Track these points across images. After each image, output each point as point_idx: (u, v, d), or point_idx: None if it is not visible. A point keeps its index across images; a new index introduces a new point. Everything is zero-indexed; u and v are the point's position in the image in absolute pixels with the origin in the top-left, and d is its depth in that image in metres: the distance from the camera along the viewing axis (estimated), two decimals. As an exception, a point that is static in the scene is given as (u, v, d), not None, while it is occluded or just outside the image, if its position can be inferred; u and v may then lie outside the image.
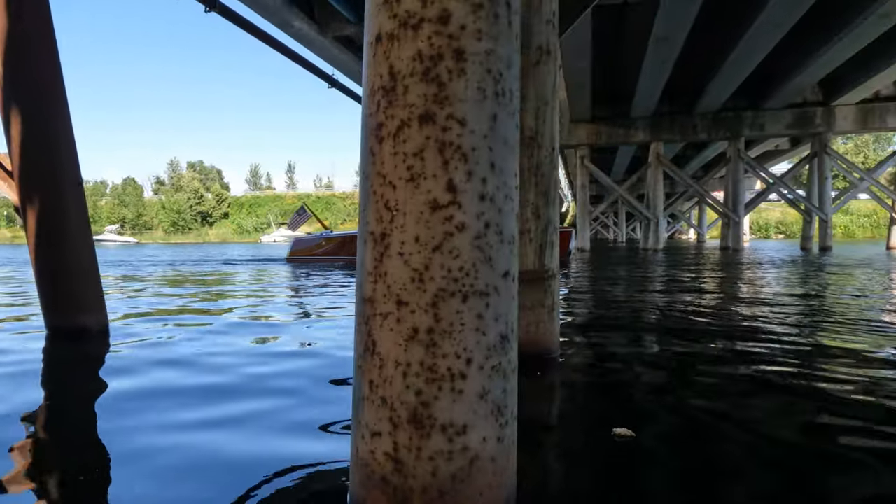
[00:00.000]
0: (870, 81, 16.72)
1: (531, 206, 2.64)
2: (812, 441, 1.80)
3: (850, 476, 1.55)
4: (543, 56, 2.54)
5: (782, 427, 1.92)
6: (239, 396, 2.19)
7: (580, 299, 5.72)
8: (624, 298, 5.82)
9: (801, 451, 1.72)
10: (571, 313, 4.65)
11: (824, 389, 2.34)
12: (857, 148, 72.91)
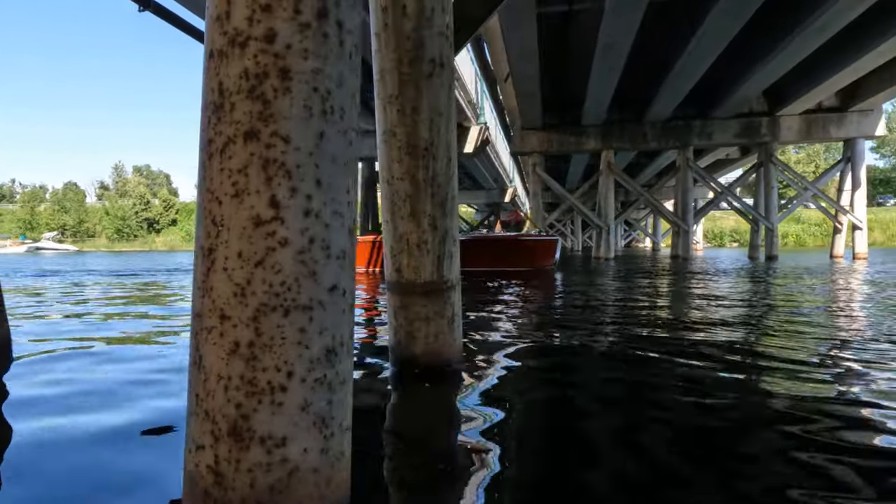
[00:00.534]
0: (812, 93, 17.45)
1: (428, 218, 2.71)
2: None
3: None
4: (437, 68, 2.62)
5: (676, 444, 2.02)
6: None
7: (504, 310, 5.83)
8: (551, 307, 5.96)
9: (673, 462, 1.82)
10: (489, 324, 4.74)
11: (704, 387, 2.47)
12: (809, 158, 75.79)
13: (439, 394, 2.60)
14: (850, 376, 2.84)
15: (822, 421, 2.17)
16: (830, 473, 1.69)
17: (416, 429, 2.14)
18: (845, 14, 11.86)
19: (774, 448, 1.91)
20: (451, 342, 2.85)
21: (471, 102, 19.60)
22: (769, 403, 2.43)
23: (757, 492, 1.59)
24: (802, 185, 22.21)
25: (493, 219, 42.48)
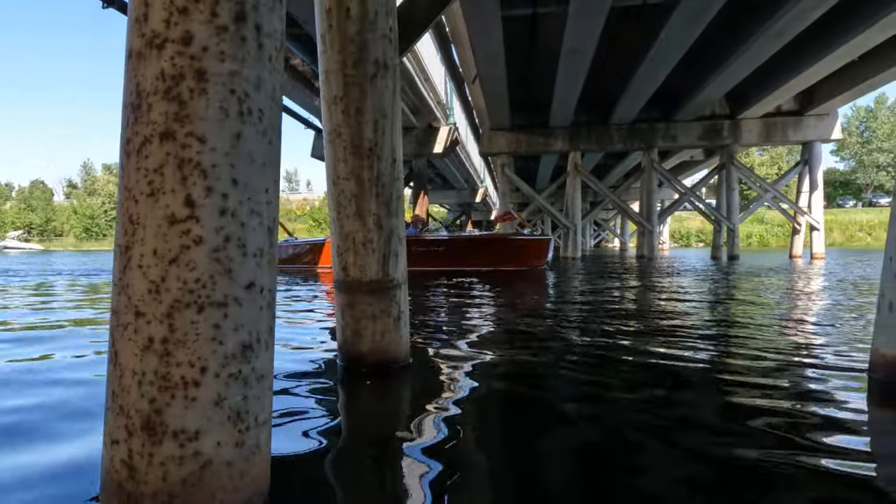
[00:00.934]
0: (771, 96, 17.83)
1: (373, 217, 2.74)
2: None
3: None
4: (381, 70, 2.65)
5: (608, 438, 2.07)
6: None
7: (460, 309, 5.87)
8: (509, 305, 6.02)
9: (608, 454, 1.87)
10: (441, 323, 4.78)
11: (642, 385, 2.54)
12: (772, 160, 77.36)
13: (383, 392, 2.63)
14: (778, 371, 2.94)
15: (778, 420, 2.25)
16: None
17: (355, 426, 2.16)
18: (801, 20, 12.14)
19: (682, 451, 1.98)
20: (397, 340, 2.87)
21: (440, 103, 19.65)
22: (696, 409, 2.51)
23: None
24: (762, 186, 22.66)
25: (465, 218, 42.65)
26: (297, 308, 5.97)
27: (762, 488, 1.59)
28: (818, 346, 3.64)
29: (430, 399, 2.44)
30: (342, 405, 2.39)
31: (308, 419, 2.16)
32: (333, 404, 2.38)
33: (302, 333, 4.20)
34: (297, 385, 2.67)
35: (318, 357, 3.28)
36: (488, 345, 3.70)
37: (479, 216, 51.81)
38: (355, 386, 2.68)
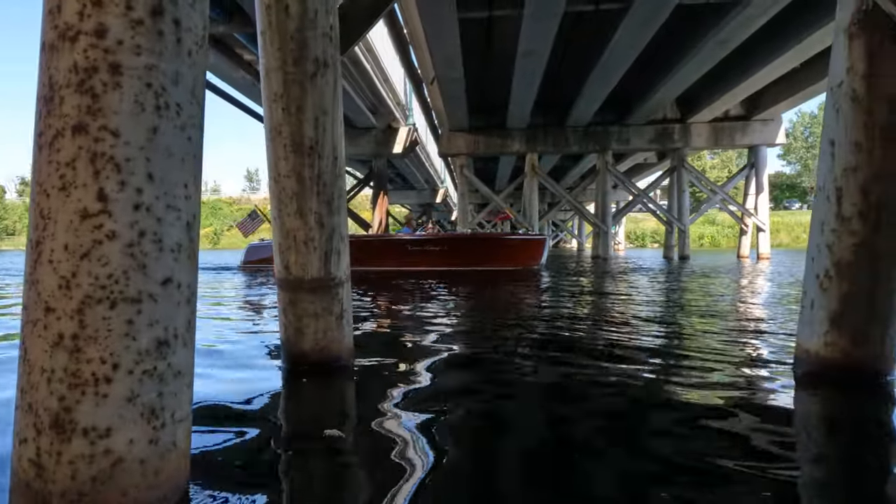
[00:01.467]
0: (719, 101, 18.25)
1: (314, 215, 2.71)
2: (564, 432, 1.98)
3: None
4: (321, 68, 2.63)
5: (537, 430, 2.09)
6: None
7: (413, 307, 5.87)
8: (461, 304, 6.04)
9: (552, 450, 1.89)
10: (390, 321, 4.77)
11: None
12: (722, 163, 79.18)
13: (322, 390, 2.61)
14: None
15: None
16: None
17: (290, 424, 2.14)
18: (745, 28, 12.45)
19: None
20: (340, 339, 2.86)
21: (399, 104, 19.61)
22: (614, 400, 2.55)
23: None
24: (712, 189, 23.20)
25: (425, 219, 42.60)
26: (247, 305, 5.89)
27: (695, 479, 1.63)
28: (752, 341, 3.75)
29: (369, 398, 2.43)
30: (280, 403, 2.37)
31: (243, 417, 2.14)
32: (271, 402, 2.35)
33: (249, 331, 4.14)
34: (238, 383, 2.63)
35: (262, 355, 3.24)
36: (436, 343, 3.70)
37: (439, 216, 51.86)
38: (296, 384, 2.66)
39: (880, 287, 2.52)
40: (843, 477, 1.70)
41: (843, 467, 1.77)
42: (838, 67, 2.67)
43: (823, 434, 2.11)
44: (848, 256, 2.56)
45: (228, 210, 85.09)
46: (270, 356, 3.25)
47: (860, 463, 1.78)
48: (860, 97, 2.55)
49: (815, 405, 2.47)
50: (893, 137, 2.50)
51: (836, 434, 2.11)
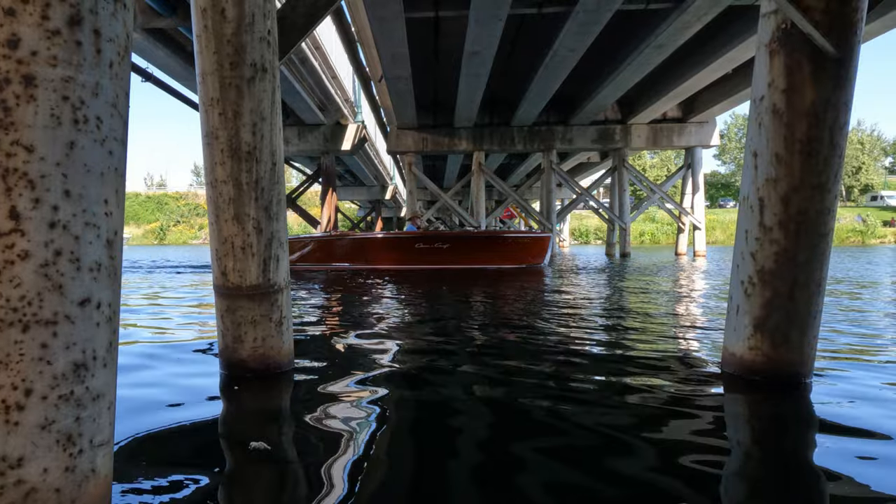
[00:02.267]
0: (657, 104, 18.70)
1: (252, 221, 2.65)
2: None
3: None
4: (259, 73, 2.57)
5: (472, 439, 2.09)
6: None
7: (357, 310, 5.82)
8: (408, 304, 6.02)
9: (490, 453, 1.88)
10: (332, 326, 4.72)
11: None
12: (661, 163, 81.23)
13: (262, 399, 2.56)
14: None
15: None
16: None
17: (228, 435, 2.08)
18: (681, 34, 12.76)
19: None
20: (279, 346, 2.80)
21: (348, 101, 19.40)
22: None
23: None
24: (651, 188, 23.77)
25: (375, 215, 42.37)
26: (186, 311, 5.74)
27: (620, 481, 1.66)
28: (683, 343, 3.85)
29: (308, 406, 2.39)
30: (215, 414, 2.31)
31: (176, 431, 2.07)
32: (206, 413, 2.29)
33: (186, 340, 4.03)
34: (174, 394, 2.55)
35: (200, 364, 3.16)
36: (379, 347, 3.68)
37: (388, 213, 51.61)
38: (233, 393, 2.59)
39: (799, 293, 2.62)
40: (760, 477, 1.75)
41: (761, 467, 1.83)
42: (760, 82, 2.76)
43: (744, 435, 2.18)
44: (770, 264, 2.66)
45: (175, 205, 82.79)
46: (206, 364, 3.16)
47: (776, 463, 1.85)
48: (781, 112, 2.65)
49: (738, 407, 2.54)
50: (811, 151, 2.59)
51: (755, 435, 2.19)
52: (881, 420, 2.20)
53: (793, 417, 2.35)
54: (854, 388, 2.64)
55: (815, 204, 2.61)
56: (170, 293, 7.60)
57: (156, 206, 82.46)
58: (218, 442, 1.96)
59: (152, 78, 13.67)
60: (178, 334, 4.19)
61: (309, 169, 25.86)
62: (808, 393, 2.56)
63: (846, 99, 2.61)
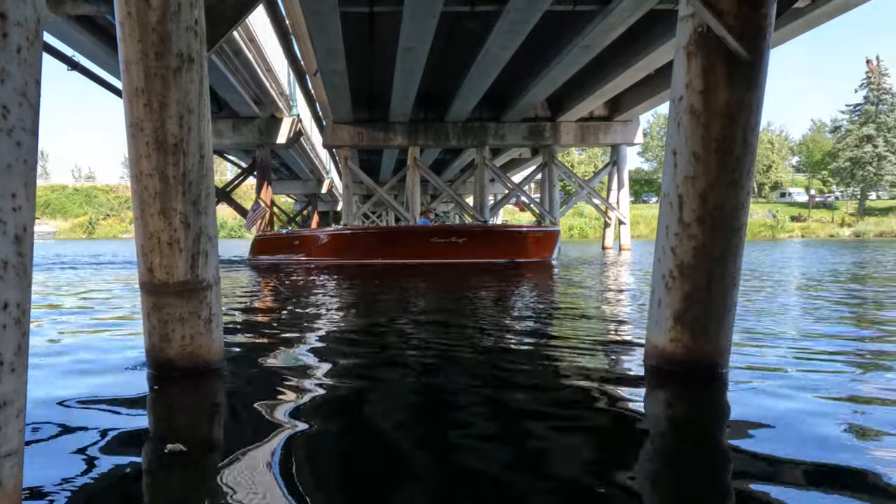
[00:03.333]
0: (584, 103, 19.10)
1: (180, 216, 2.54)
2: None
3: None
4: (185, 63, 2.45)
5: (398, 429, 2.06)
6: None
7: (293, 306, 5.71)
8: (340, 299, 5.94)
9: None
10: (265, 322, 4.61)
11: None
12: (589, 159, 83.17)
13: (190, 399, 2.46)
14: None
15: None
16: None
17: (153, 437, 1.99)
18: (606, 35, 13.06)
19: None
20: (209, 344, 2.70)
21: (283, 94, 18.97)
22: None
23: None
24: (579, 184, 24.30)
25: (311, 209, 41.69)
26: (111, 309, 5.47)
27: (543, 474, 1.67)
28: (609, 336, 3.93)
29: (235, 406, 2.32)
30: (141, 415, 2.20)
31: (102, 432, 1.95)
32: (130, 415, 2.18)
33: (110, 339, 3.82)
34: (97, 396, 2.42)
35: (125, 364, 3.00)
36: (310, 345, 3.60)
37: (325, 207, 50.80)
38: (162, 394, 2.48)
39: (716, 286, 2.71)
40: (680, 462, 1.81)
41: (681, 453, 1.88)
42: (679, 83, 2.82)
43: (664, 423, 2.25)
44: (689, 259, 2.72)
45: (105, 198, 79.09)
46: (132, 363, 3.01)
47: (690, 452, 1.91)
48: (698, 112, 2.71)
49: (658, 398, 2.61)
50: (726, 150, 2.67)
51: (675, 422, 2.25)
52: (787, 410, 2.29)
53: (710, 407, 2.43)
54: (765, 378, 2.75)
55: (730, 200, 2.70)
56: (94, 290, 7.25)
57: (84, 199, 78.67)
58: (137, 445, 1.86)
59: (78, 66, 12.95)
60: (101, 333, 3.98)
61: (244, 162, 25.15)
62: (724, 383, 2.65)
63: (757, 100, 2.71)
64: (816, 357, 3.16)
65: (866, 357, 3.21)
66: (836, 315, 4.74)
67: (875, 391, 2.49)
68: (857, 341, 3.65)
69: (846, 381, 2.68)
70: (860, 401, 2.36)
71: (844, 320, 4.54)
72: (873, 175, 52.27)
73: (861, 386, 2.61)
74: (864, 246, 24.27)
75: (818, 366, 2.95)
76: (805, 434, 1.95)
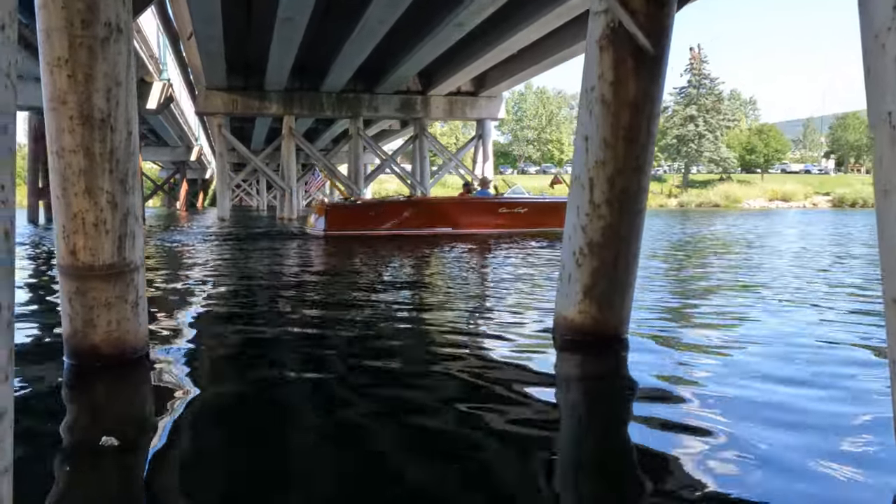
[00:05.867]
0: (453, 78, 19.18)
1: (106, 195, 2.27)
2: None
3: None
4: (114, 33, 2.17)
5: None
6: None
7: (214, 284, 5.36)
8: (255, 277, 5.65)
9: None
10: (182, 302, 4.30)
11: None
12: (451, 131, 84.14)
13: (115, 387, 2.27)
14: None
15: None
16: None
17: (74, 430, 1.80)
18: (478, 14, 13.14)
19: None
20: (135, 328, 2.46)
21: (153, 57, 17.31)
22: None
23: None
24: (447, 156, 24.57)
25: (179, 177, 38.83)
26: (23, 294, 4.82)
27: (461, 447, 1.72)
28: (513, 308, 4.05)
29: (164, 393, 2.17)
30: (61, 409, 1.98)
31: (26, 431, 1.72)
32: (51, 407, 1.95)
33: (20, 327, 3.36)
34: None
35: (37, 354, 2.67)
36: (238, 324, 3.40)
37: (193, 174, 47.34)
38: (84, 383, 2.25)
39: (621, 262, 2.87)
40: (586, 421, 1.96)
41: (587, 413, 2.04)
42: (591, 73, 2.91)
43: (574, 387, 2.41)
44: (598, 237, 2.86)
45: None
46: (47, 352, 2.69)
47: (599, 409, 2.07)
48: (609, 101, 2.83)
49: (568, 364, 2.79)
50: (633, 138, 2.82)
51: (583, 384, 2.43)
52: (676, 367, 2.54)
53: (611, 371, 2.64)
54: (657, 342, 3.00)
55: (635, 184, 2.86)
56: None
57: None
58: (62, 439, 1.68)
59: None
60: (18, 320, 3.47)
61: (105, 126, 22.71)
62: (625, 348, 2.85)
63: (659, 92, 2.88)
64: (694, 320, 3.50)
65: (728, 318, 3.59)
66: (706, 283, 5.20)
67: (723, 342, 2.83)
68: (717, 305, 4.07)
69: (713, 339, 3.02)
70: (719, 353, 2.67)
71: (710, 289, 5.02)
72: (695, 151, 57.34)
73: (717, 341, 2.96)
74: (687, 218, 26.61)
75: (694, 328, 3.28)
76: (691, 386, 2.18)
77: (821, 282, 5.04)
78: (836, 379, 2.25)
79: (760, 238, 11.44)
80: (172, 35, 14.98)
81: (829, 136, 70.73)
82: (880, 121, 1.46)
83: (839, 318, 3.45)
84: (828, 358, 2.61)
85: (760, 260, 7.15)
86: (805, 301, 4.02)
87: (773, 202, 46.22)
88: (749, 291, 4.49)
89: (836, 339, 2.95)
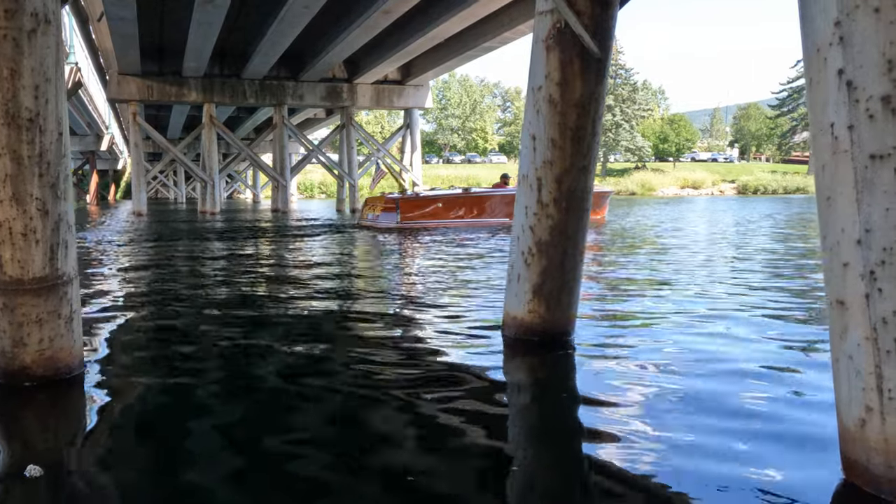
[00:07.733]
0: (379, 66, 18.89)
1: (36, 202, 2.08)
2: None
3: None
4: (41, 25, 1.98)
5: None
6: None
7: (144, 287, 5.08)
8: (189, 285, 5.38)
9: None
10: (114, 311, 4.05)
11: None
12: (376, 119, 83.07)
13: (51, 410, 2.12)
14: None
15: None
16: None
17: (7, 457, 1.67)
18: (405, 3, 12.96)
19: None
20: (70, 345, 2.28)
21: (55, 40, 16.04)
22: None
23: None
24: (375, 146, 24.28)
25: (89, 167, 36.53)
26: None
27: (411, 446, 1.72)
28: (463, 307, 4.04)
29: (100, 416, 2.04)
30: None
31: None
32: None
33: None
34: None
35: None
36: (172, 334, 3.23)
37: (104, 165, 44.47)
38: (12, 406, 2.09)
39: (568, 261, 2.91)
40: (533, 416, 2.01)
41: (534, 409, 2.09)
42: (538, 73, 2.90)
43: (522, 384, 2.46)
44: (546, 236, 2.87)
45: None
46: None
47: (545, 405, 2.12)
48: (556, 102, 2.84)
49: (516, 363, 2.82)
50: (580, 138, 2.85)
51: (530, 382, 2.48)
52: (620, 362, 2.62)
53: (557, 369, 2.71)
54: (601, 339, 3.06)
55: (581, 183, 2.90)
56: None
57: None
58: None
59: None
60: None
61: (4, 113, 20.97)
62: (572, 346, 2.89)
63: (604, 93, 2.93)
64: (638, 316, 3.63)
65: (668, 313, 3.74)
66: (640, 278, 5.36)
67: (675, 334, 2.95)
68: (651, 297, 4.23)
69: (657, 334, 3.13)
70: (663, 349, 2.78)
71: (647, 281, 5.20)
72: (612, 140, 59.13)
73: (659, 336, 3.07)
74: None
75: (637, 326, 3.40)
76: (638, 385, 2.26)
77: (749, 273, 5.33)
78: (779, 373, 2.38)
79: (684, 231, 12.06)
80: (81, 15, 13.97)
81: (734, 126, 74.99)
82: (822, 131, 1.52)
83: (768, 313, 3.66)
84: (767, 354, 2.74)
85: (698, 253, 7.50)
86: (741, 293, 4.26)
87: (685, 189, 48.66)
88: (678, 286, 4.70)
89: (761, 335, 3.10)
